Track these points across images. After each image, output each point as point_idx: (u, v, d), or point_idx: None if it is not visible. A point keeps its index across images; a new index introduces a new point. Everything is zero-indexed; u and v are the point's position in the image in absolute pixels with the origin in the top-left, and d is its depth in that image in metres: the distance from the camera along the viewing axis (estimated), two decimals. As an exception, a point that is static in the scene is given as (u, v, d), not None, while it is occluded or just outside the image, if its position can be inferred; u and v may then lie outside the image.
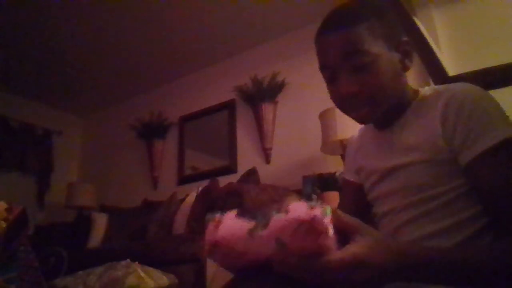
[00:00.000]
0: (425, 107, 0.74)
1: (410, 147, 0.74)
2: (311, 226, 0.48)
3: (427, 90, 0.77)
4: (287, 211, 0.50)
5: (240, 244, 0.53)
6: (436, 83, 1.16)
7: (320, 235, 0.48)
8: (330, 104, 0.84)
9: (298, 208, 0.50)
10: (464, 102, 0.67)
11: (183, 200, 2.76)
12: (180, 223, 2.57)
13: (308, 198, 0.56)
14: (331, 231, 0.49)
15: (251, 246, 0.52)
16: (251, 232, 0.52)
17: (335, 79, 0.74)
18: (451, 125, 0.67)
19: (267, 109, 2.99)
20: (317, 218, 0.48)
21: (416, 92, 0.78)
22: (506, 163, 0.63)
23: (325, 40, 0.73)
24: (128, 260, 1.23)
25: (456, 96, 0.68)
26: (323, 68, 0.75)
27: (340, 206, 0.96)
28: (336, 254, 0.49)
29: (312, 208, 0.49)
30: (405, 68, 0.75)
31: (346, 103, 0.75)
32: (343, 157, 2.26)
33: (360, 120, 0.78)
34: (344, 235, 0.53)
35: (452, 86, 0.72)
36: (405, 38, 0.76)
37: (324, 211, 0.49)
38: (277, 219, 0.50)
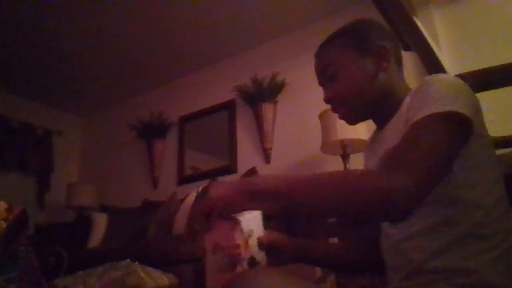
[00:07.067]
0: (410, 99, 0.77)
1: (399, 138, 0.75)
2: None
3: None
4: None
5: None
6: (436, 83, 1.16)
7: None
8: (330, 104, 0.90)
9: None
10: (426, 85, 0.70)
11: (183, 200, 2.75)
12: (180, 223, 2.56)
13: None
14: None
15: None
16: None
17: None
18: (412, 106, 0.71)
19: (267, 109, 2.99)
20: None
21: (409, 89, 0.83)
22: (420, 128, 0.65)
23: (314, 63, 0.90)
24: (128, 260, 1.23)
25: (425, 81, 0.72)
26: (319, 84, 0.91)
27: None
28: None
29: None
30: (381, 68, 0.82)
31: (331, 107, 0.89)
32: (343, 157, 2.26)
33: (344, 120, 0.88)
34: None
35: (431, 75, 0.76)
36: (380, 43, 0.83)
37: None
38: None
